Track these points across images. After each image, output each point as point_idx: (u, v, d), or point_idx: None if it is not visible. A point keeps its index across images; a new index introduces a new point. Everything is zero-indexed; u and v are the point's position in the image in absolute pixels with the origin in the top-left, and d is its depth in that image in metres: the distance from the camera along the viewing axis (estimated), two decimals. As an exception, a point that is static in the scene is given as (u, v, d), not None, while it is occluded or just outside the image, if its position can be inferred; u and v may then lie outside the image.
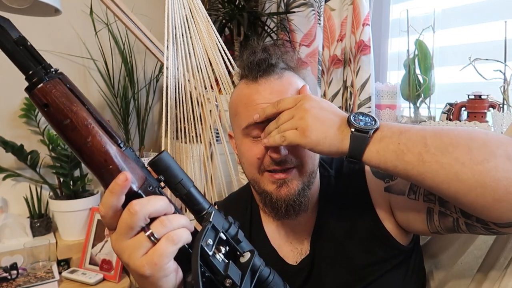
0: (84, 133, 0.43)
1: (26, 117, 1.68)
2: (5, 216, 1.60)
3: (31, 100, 0.42)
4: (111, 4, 1.21)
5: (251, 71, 0.72)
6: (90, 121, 0.43)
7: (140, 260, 0.43)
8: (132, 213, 0.43)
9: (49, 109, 0.41)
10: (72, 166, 1.60)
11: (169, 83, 1.15)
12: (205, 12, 1.21)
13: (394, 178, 0.71)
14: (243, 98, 0.72)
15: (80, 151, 0.44)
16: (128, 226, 0.43)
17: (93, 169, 0.45)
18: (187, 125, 1.24)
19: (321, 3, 1.52)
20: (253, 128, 0.70)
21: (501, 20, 1.15)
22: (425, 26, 1.27)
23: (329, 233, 0.75)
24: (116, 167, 0.45)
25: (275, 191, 0.69)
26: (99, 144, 0.43)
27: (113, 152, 0.45)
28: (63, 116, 0.42)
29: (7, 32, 0.39)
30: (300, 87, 0.73)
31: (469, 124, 1.17)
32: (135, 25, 1.27)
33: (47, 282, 1.42)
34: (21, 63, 0.40)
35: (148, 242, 0.43)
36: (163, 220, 0.44)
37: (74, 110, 0.42)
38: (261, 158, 0.69)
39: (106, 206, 0.44)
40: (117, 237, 0.44)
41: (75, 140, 0.43)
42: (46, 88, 0.41)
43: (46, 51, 1.73)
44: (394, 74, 1.45)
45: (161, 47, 1.24)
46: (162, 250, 0.43)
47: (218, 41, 1.21)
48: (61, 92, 0.42)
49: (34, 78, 0.40)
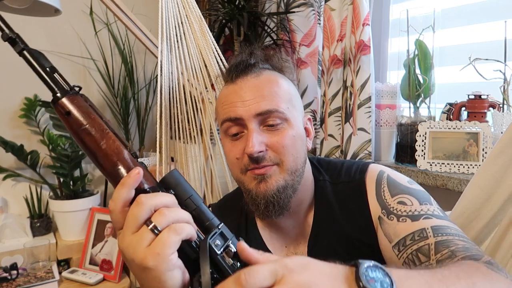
0: (98, 136, 0.47)
1: (26, 117, 1.68)
2: (5, 216, 1.60)
3: (56, 110, 0.48)
4: (111, 4, 1.21)
5: (229, 73, 0.73)
6: (105, 127, 0.48)
7: (143, 252, 0.42)
8: (138, 204, 0.44)
9: (70, 116, 0.47)
10: (72, 166, 1.60)
11: (163, 82, 1.15)
12: (199, 11, 1.21)
13: (390, 217, 0.68)
14: (222, 98, 0.74)
15: (94, 153, 0.48)
16: (134, 218, 0.44)
17: (106, 170, 0.48)
18: (188, 125, 1.24)
19: (321, 3, 1.52)
20: (229, 126, 0.71)
21: (501, 20, 1.15)
22: (425, 26, 1.27)
23: (326, 239, 0.74)
24: (128, 167, 0.48)
25: (255, 187, 0.69)
26: (112, 146, 0.48)
27: (125, 155, 0.48)
28: (81, 122, 0.47)
29: (42, 61, 0.49)
30: (280, 84, 0.71)
31: (469, 124, 1.17)
32: (135, 25, 1.27)
33: (47, 282, 1.42)
34: (53, 85, 0.48)
35: (151, 234, 0.43)
36: (162, 211, 0.44)
37: (91, 117, 0.48)
38: (240, 157, 0.70)
39: (116, 199, 0.45)
40: (123, 234, 0.45)
41: (91, 143, 0.47)
42: (69, 99, 0.48)
43: (46, 51, 1.73)
44: (394, 74, 1.45)
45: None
46: (164, 240, 0.43)
47: (211, 41, 1.21)
48: (81, 104, 0.48)
49: (59, 92, 0.48)
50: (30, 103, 1.66)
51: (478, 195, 0.75)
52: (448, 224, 0.63)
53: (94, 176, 1.89)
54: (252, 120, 0.68)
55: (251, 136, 0.67)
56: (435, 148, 1.22)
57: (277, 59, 0.76)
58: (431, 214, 0.65)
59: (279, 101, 0.70)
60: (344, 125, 1.45)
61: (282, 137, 0.69)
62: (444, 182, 1.15)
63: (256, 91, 0.69)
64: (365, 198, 0.73)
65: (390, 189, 0.71)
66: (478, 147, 1.15)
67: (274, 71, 0.75)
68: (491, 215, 0.74)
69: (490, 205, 0.74)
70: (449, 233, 0.61)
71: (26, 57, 0.48)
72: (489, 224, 0.75)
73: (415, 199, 0.68)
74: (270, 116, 0.69)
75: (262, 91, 0.69)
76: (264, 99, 0.69)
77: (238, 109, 0.69)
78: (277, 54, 0.78)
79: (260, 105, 0.68)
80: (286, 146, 0.69)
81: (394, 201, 0.69)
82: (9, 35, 0.48)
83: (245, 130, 0.70)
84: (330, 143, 1.52)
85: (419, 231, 0.63)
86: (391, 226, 0.67)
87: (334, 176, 0.79)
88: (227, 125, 0.71)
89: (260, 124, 0.69)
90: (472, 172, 1.15)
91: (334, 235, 0.74)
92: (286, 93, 0.73)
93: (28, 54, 0.48)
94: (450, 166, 1.19)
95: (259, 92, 0.69)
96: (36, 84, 1.95)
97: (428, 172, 1.20)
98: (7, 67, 1.67)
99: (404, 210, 0.67)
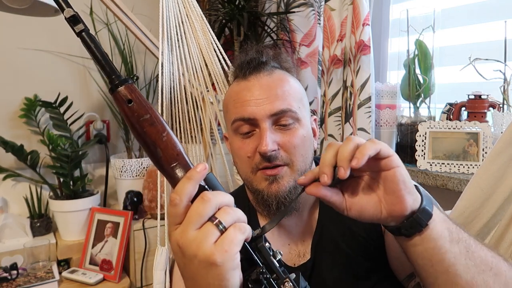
0: (161, 128, 0.46)
1: (26, 117, 1.68)
2: (5, 216, 1.60)
3: (115, 98, 0.47)
4: (111, 4, 1.21)
5: (241, 69, 0.73)
6: (163, 119, 0.48)
7: (211, 248, 0.42)
8: (205, 200, 0.43)
9: (133, 104, 0.46)
10: (72, 166, 1.60)
11: (164, 82, 1.15)
12: (199, 10, 1.21)
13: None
14: (233, 94, 0.73)
15: (155, 144, 0.46)
16: (199, 214, 0.43)
17: (164, 163, 0.47)
18: (188, 125, 1.24)
19: (321, 3, 1.52)
20: (241, 124, 0.70)
21: (501, 20, 1.15)
22: (425, 26, 1.27)
23: (330, 237, 0.74)
24: (186, 162, 0.47)
25: (267, 188, 0.69)
26: (173, 139, 0.47)
27: (183, 149, 0.48)
28: (144, 111, 0.46)
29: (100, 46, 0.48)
30: (292, 83, 0.72)
31: (469, 125, 1.17)
32: (135, 25, 1.27)
33: (47, 282, 1.42)
34: (109, 70, 0.47)
35: (216, 230, 0.43)
36: (227, 209, 0.45)
37: (152, 107, 0.47)
38: (252, 156, 0.69)
39: (182, 193, 0.44)
40: (183, 229, 0.44)
41: (152, 134, 0.46)
42: (131, 87, 0.46)
43: (46, 51, 1.74)
44: (394, 74, 1.45)
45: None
46: (232, 237, 0.43)
47: (213, 40, 1.21)
48: (139, 92, 0.47)
49: (118, 80, 0.47)
50: (30, 103, 1.66)
51: (478, 195, 0.75)
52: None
53: (94, 176, 1.89)
54: (266, 120, 0.68)
55: (265, 135, 0.67)
56: (435, 148, 1.22)
57: (285, 58, 0.76)
58: None
59: (291, 100, 0.70)
60: (344, 125, 1.45)
61: (293, 137, 0.69)
62: (444, 182, 1.15)
63: (269, 90, 0.69)
64: None
65: None
66: (478, 147, 1.15)
67: (285, 72, 0.75)
68: (491, 215, 0.74)
69: (489, 204, 0.74)
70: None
71: (85, 40, 0.46)
72: (489, 223, 0.75)
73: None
74: (284, 116, 0.69)
75: (275, 90, 0.69)
76: (277, 98, 0.69)
77: (252, 109, 0.69)
78: (284, 54, 0.78)
79: (274, 105, 0.68)
80: (297, 146, 0.69)
81: None
82: (73, 13, 0.45)
83: (257, 128, 0.70)
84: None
85: None
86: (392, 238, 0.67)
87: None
88: (238, 124, 0.71)
89: (273, 124, 0.69)
90: (472, 172, 1.15)
91: (338, 233, 0.74)
92: (297, 92, 0.73)
93: (88, 37, 0.46)
94: (450, 166, 1.19)
95: (272, 91, 0.69)
96: (36, 84, 1.95)
97: (428, 172, 1.20)
98: (7, 67, 1.67)
99: None
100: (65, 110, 1.68)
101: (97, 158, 1.90)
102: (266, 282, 0.46)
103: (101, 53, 0.47)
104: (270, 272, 0.47)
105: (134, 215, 1.60)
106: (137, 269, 1.56)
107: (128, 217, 1.55)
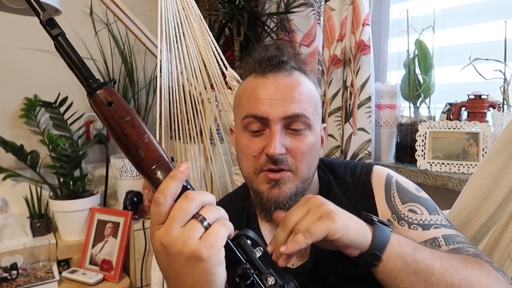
0: (142, 130, 0.47)
1: (26, 117, 1.68)
2: (5, 216, 1.60)
3: (93, 102, 0.46)
4: (111, 4, 1.21)
5: (261, 65, 0.71)
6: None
7: (197, 244, 0.43)
8: (189, 198, 0.44)
9: (113, 106, 0.46)
10: (72, 166, 1.61)
11: (163, 82, 1.15)
12: (198, 11, 1.21)
13: (401, 223, 0.69)
14: (248, 89, 0.72)
15: (136, 146, 0.46)
16: (184, 212, 0.44)
17: (146, 165, 0.47)
18: (187, 125, 1.24)
19: (321, 3, 1.52)
20: (252, 121, 0.69)
21: (501, 20, 1.14)
22: (425, 26, 1.27)
23: None
24: (167, 164, 0.47)
25: (267, 191, 0.68)
26: (154, 141, 0.47)
27: (163, 151, 0.48)
28: (125, 113, 0.46)
29: (76, 50, 0.48)
30: (309, 88, 0.71)
31: (469, 124, 1.17)
32: (135, 25, 1.27)
33: (47, 282, 1.42)
34: (87, 74, 0.47)
35: (201, 226, 0.44)
36: (210, 207, 0.46)
37: (132, 110, 0.47)
38: (258, 156, 0.69)
39: (166, 192, 0.44)
40: (167, 227, 0.44)
41: (134, 136, 0.46)
42: (110, 90, 0.47)
43: (46, 51, 1.74)
44: (394, 74, 1.45)
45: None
46: (216, 232, 0.44)
47: (211, 41, 1.21)
48: (119, 95, 0.47)
49: (96, 84, 0.46)
50: (30, 103, 1.66)
51: (476, 194, 0.75)
52: (457, 233, 0.66)
53: (94, 176, 1.89)
54: (278, 122, 0.67)
55: (275, 138, 0.66)
56: (435, 148, 1.22)
57: (304, 59, 0.75)
58: (440, 224, 0.67)
59: (307, 105, 0.69)
60: (344, 125, 1.45)
61: (302, 143, 0.68)
62: (444, 182, 1.14)
63: (287, 91, 0.68)
64: (372, 199, 0.73)
65: (400, 195, 0.72)
66: (478, 147, 1.15)
67: (303, 74, 0.74)
68: (489, 214, 0.74)
69: (488, 204, 0.74)
70: (459, 241, 0.64)
71: (61, 44, 0.46)
72: (487, 223, 0.75)
73: (424, 209, 0.69)
74: (296, 121, 0.68)
75: (293, 92, 0.68)
76: (293, 101, 0.67)
77: (266, 108, 0.67)
78: (302, 55, 0.77)
79: (289, 107, 0.67)
80: (305, 153, 0.68)
81: (404, 208, 0.70)
82: (49, 16, 0.45)
83: (267, 129, 0.68)
84: (330, 143, 1.52)
85: (431, 239, 0.64)
86: (402, 232, 0.67)
87: (339, 175, 0.79)
88: (249, 120, 0.69)
89: (284, 127, 0.68)
90: (472, 172, 1.15)
91: None
92: (313, 98, 0.72)
93: (64, 42, 0.46)
94: (450, 166, 1.19)
95: (290, 93, 0.68)
96: (36, 84, 1.95)
97: (428, 172, 1.20)
98: (7, 67, 1.68)
99: (415, 219, 0.68)
100: (65, 110, 1.69)
101: (97, 158, 1.91)
102: (252, 276, 0.47)
103: (78, 58, 0.47)
104: (254, 268, 0.48)
105: (134, 215, 1.60)
106: (137, 269, 1.57)
107: (128, 217, 1.55)
